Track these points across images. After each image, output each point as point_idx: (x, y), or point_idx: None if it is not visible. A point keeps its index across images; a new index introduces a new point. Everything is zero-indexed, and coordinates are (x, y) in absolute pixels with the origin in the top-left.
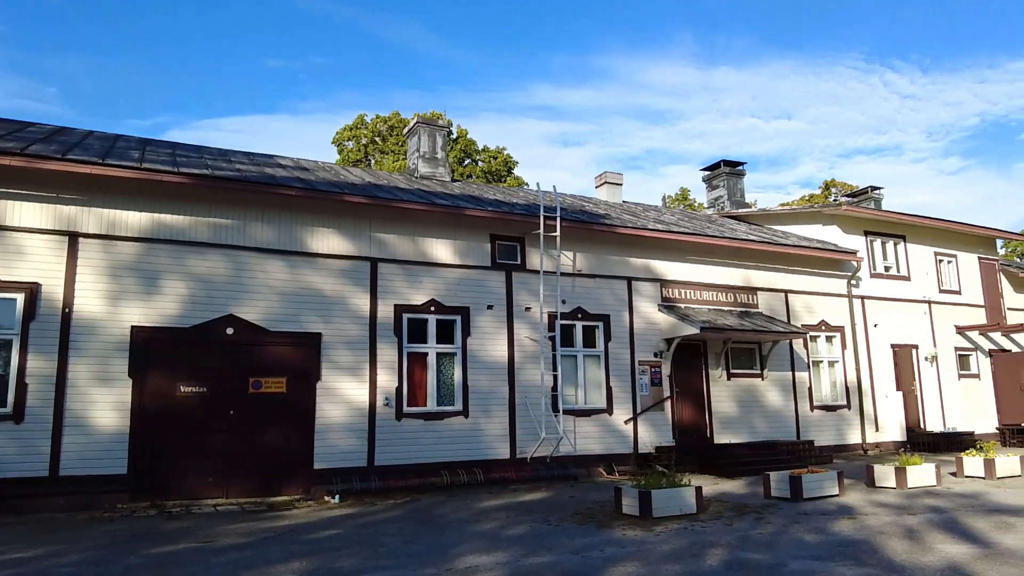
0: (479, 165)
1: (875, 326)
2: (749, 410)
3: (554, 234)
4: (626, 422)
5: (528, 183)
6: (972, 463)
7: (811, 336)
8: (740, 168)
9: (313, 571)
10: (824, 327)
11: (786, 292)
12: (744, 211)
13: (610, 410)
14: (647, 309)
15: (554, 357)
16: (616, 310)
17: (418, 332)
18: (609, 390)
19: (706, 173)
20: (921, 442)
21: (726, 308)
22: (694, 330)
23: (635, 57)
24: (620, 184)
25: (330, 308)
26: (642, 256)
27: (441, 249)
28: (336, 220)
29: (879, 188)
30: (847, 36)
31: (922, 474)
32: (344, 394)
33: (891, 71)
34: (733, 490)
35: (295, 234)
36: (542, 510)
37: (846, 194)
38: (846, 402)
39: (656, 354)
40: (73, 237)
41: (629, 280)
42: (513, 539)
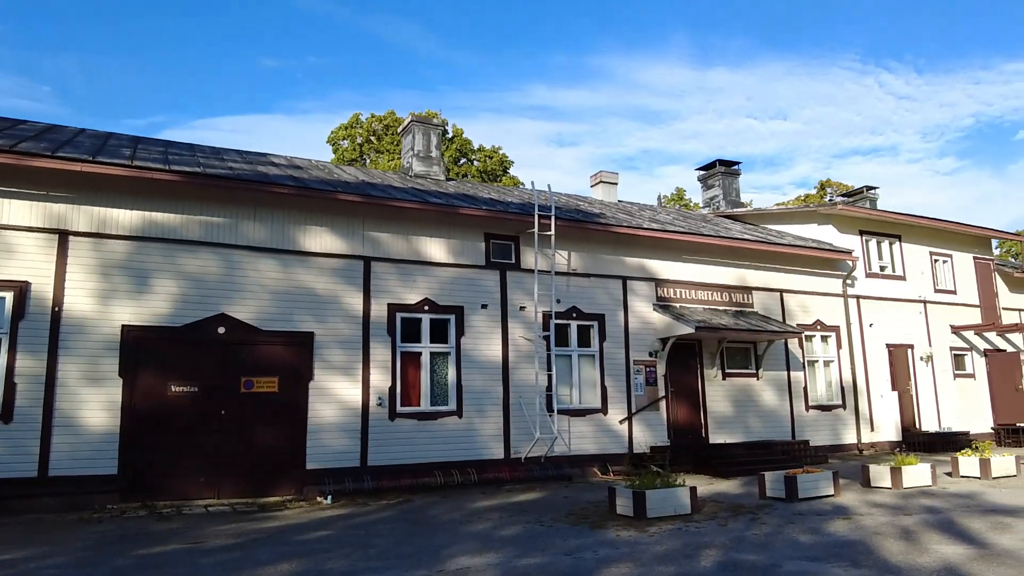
0: (475, 165)
1: (870, 326)
2: (744, 410)
3: (549, 233)
4: (621, 422)
5: (524, 183)
6: (968, 463)
7: (806, 336)
8: (735, 168)
9: (301, 573)
10: (819, 327)
11: (781, 292)
12: (739, 211)
13: (605, 410)
14: (642, 308)
15: (549, 357)
16: (611, 309)
17: (412, 331)
18: (604, 390)
19: (701, 173)
20: (916, 442)
21: (721, 308)
22: (689, 329)
23: (631, 57)
24: (615, 184)
25: (323, 307)
26: (637, 255)
27: (435, 248)
28: (329, 218)
29: (875, 188)
30: (842, 37)
31: (918, 474)
32: (337, 394)
33: (886, 72)
34: (728, 490)
35: (288, 233)
36: (536, 510)
37: (842, 194)
38: (841, 402)
39: (651, 354)
40: (63, 235)
41: (624, 279)
42: (506, 540)
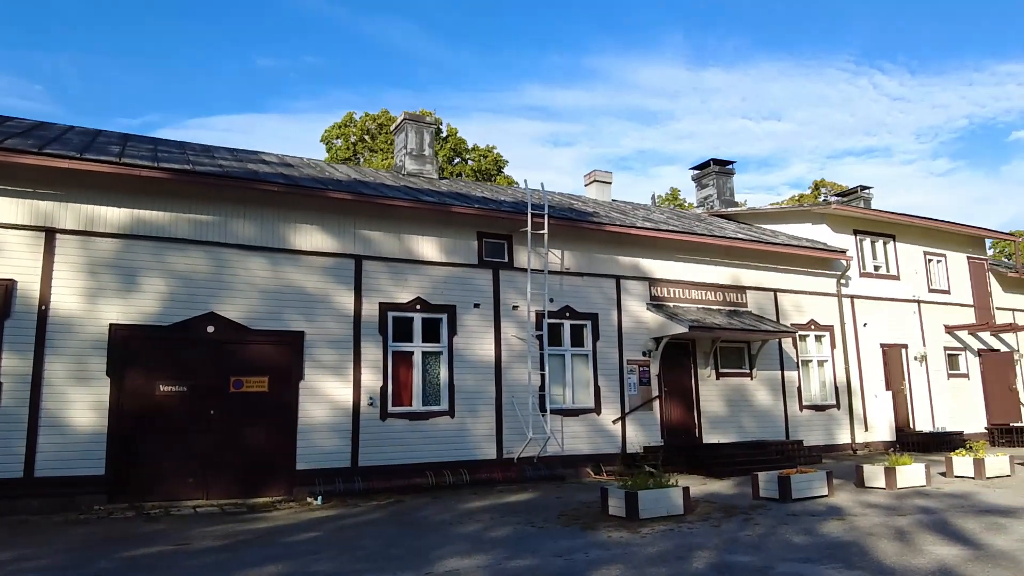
0: (469, 164)
1: (864, 325)
2: (738, 410)
3: (542, 232)
4: (614, 422)
5: (518, 183)
6: (962, 463)
7: (800, 335)
8: (729, 167)
9: (287, 575)
10: (813, 326)
11: (775, 291)
12: (733, 210)
13: (598, 410)
14: (636, 308)
15: (541, 356)
16: (604, 309)
17: (403, 331)
18: (597, 389)
19: (696, 172)
20: (910, 442)
21: (715, 307)
22: (683, 329)
23: (627, 58)
24: (609, 183)
25: (313, 306)
26: (631, 255)
27: (427, 247)
28: (320, 217)
29: (869, 188)
30: (836, 38)
31: (912, 474)
32: (327, 394)
33: (880, 73)
34: (721, 490)
35: (278, 231)
36: (527, 511)
37: (836, 194)
38: (835, 402)
39: (645, 353)
40: (50, 233)
41: (617, 279)
42: (496, 541)
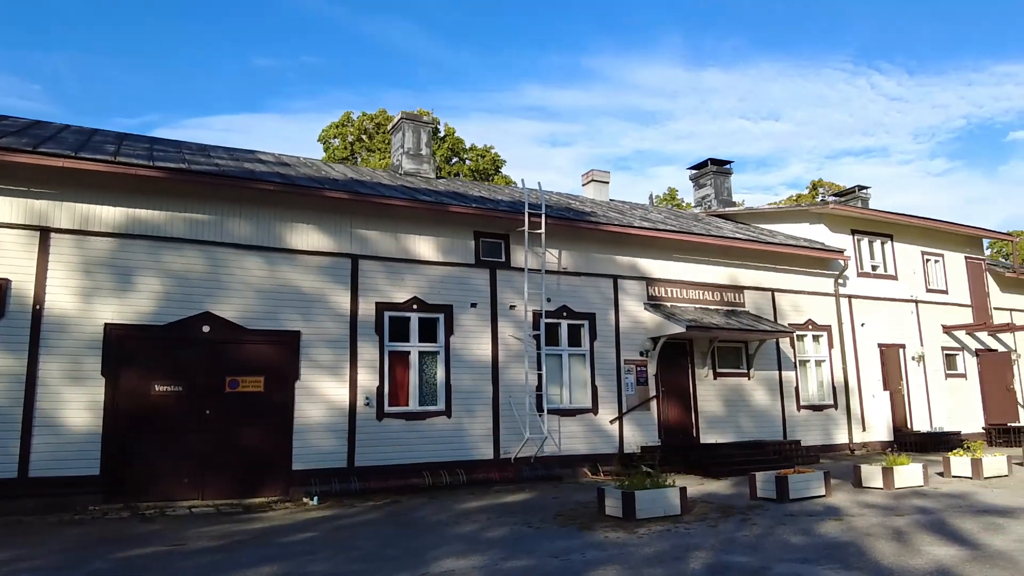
0: (467, 164)
1: (862, 325)
2: (736, 409)
3: (539, 231)
4: (611, 422)
5: (516, 183)
6: (959, 463)
7: (798, 335)
8: (727, 167)
9: None
10: (811, 326)
11: (773, 291)
12: (731, 210)
13: (595, 409)
14: (633, 308)
15: (539, 356)
16: (602, 308)
17: (400, 330)
18: (594, 389)
19: (693, 172)
20: (908, 442)
21: (713, 307)
22: (680, 329)
23: (625, 58)
24: (607, 182)
25: (309, 306)
26: (628, 254)
27: (424, 246)
28: (316, 216)
29: (866, 188)
30: (834, 38)
31: (909, 474)
32: (324, 394)
33: (878, 73)
34: (719, 491)
35: (274, 230)
36: (524, 512)
37: (833, 193)
38: (833, 402)
39: (642, 353)
40: (44, 232)
41: (615, 278)
42: (492, 542)
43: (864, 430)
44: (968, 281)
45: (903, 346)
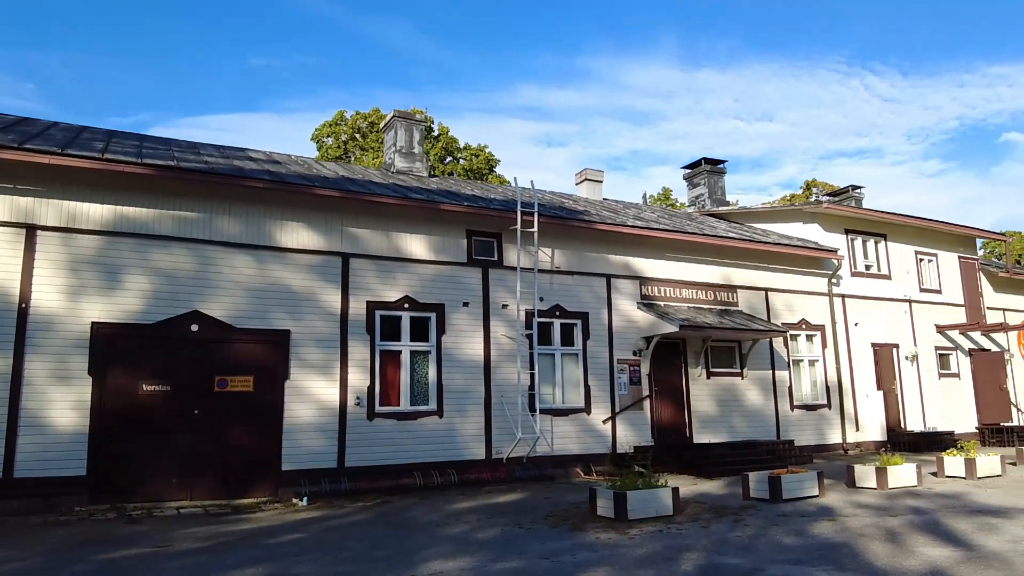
0: (460, 163)
1: (856, 325)
2: (729, 409)
3: (532, 230)
4: (604, 421)
5: (510, 182)
6: (953, 463)
7: (791, 335)
8: (721, 166)
9: None
10: (804, 326)
11: (766, 290)
12: (725, 209)
13: (588, 409)
14: (626, 307)
15: (531, 355)
16: (595, 308)
17: (391, 330)
18: (587, 389)
19: (687, 171)
20: (902, 442)
21: (706, 306)
22: (673, 328)
23: (620, 58)
24: (600, 181)
25: (299, 305)
26: (621, 253)
27: (416, 245)
28: (306, 214)
29: (860, 187)
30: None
31: (903, 474)
32: (314, 393)
33: (872, 74)
34: (711, 491)
35: (263, 228)
36: (515, 512)
37: (827, 193)
38: (826, 401)
39: (635, 352)
40: (31, 229)
41: (608, 277)
42: (483, 543)
43: (858, 430)
44: (961, 281)
45: (897, 346)
